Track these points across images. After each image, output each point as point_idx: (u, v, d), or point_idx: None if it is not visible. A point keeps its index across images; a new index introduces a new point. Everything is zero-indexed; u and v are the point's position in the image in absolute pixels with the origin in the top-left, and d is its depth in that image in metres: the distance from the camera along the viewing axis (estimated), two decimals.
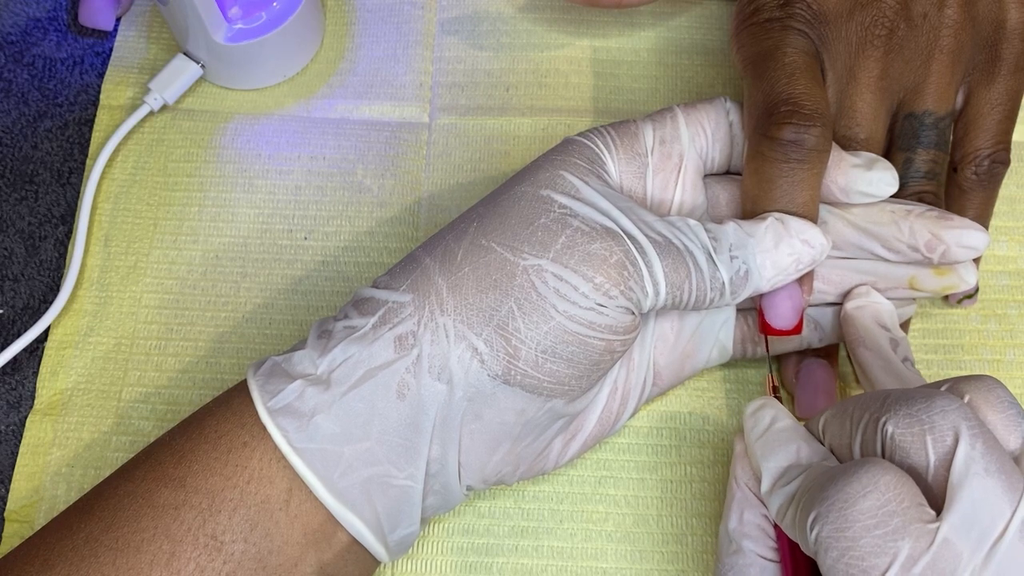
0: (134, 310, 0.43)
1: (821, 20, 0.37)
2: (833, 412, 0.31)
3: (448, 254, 0.33)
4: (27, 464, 0.40)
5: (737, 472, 0.34)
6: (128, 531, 0.31)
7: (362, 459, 0.32)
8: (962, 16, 0.38)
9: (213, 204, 0.45)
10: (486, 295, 0.32)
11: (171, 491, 0.31)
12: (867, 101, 0.38)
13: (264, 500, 0.31)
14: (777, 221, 0.35)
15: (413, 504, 0.33)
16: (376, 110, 0.47)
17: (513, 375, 0.32)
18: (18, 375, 0.42)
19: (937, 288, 0.37)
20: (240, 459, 0.32)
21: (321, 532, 0.32)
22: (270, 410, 0.32)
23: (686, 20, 0.49)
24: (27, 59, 0.48)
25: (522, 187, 0.34)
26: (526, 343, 0.32)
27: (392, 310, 0.33)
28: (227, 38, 0.45)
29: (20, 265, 0.44)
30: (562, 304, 0.32)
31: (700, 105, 0.38)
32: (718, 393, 0.41)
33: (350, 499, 0.32)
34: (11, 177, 0.46)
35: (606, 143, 0.36)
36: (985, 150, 0.39)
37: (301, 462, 0.31)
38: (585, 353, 0.33)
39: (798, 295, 0.36)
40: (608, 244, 0.33)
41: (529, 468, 0.36)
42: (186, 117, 0.47)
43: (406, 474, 0.32)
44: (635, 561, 0.38)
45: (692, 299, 0.34)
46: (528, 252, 0.33)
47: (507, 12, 0.50)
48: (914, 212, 0.36)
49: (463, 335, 0.32)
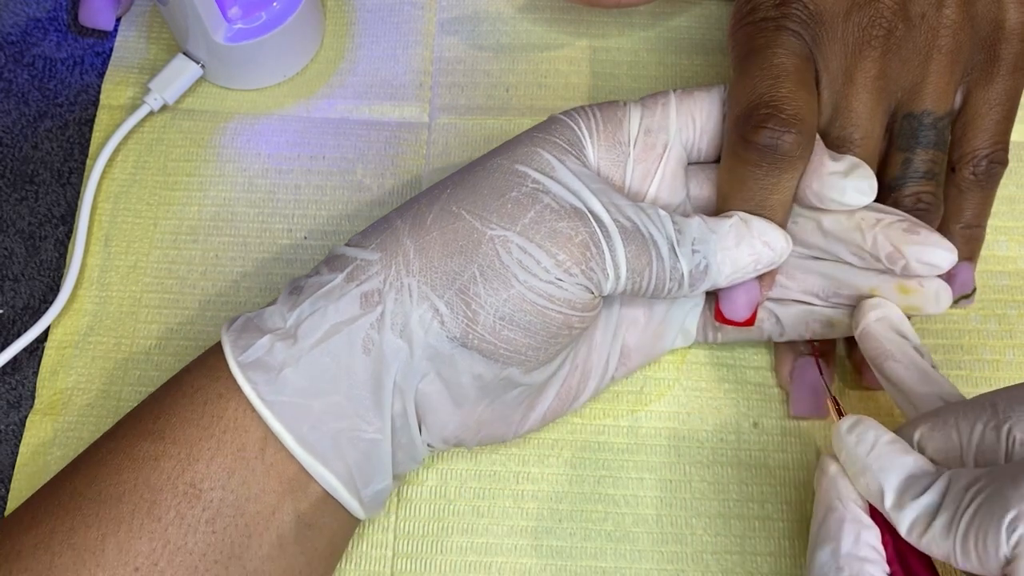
0: (134, 310, 0.43)
1: (817, 20, 0.37)
2: (931, 424, 0.31)
3: (419, 217, 0.34)
4: (27, 464, 0.40)
5: (841, 492, 0.32)
6: (110, 483, 0.32)
7: (331, 413, 0.33)
8: (960, 16, 0.38)
9: (213, 204, 0.45)
10: (451, 259, 0.33)
11: (150, 443, 0.32)
12: (864, 101, 0.38)
13: (240, 448, 0.32)
14: (741, 221, 0.35)
15: (383, 458, 0.34)
16: (376, 110, 0.47)
17: (471, 339, 0.33)
18: (18, 375, 0.42)
19: (900, 305, 0.37)
20: (216, 410, 0.33)
21: (296, 481, 0.33)
22: (241, 364, 0.33)
23: (685, 20, 0.49)
24: (27, 59, 0.48)
25: (499, 160, 0.35)
26: (485, 308, 0.33)
27: (360, 267, 0.34)
28: (227, 38, 0.45)
29: (20, 265, 0.44)
30: (523, 275, 0.33)
31: (697, 92, 0.38)
32: (717, 393, 0.41)
33: (320, 451, 0.33)
34: (11, 177, 0.46)
35: (589, 126, 0.36)
36: (983, 150, 0.39)
37: (271, 414, 0.32)
38: (542, 324, 0.33)
39: (755, 290, 0.37)
40: (575, 224, 0.33)
41: (488, 434, 0.36)
42: (186, 117, 0.47)
43: (375, 428, 0.33)
44: (634, 561, 0.38)
45: (652, 287, 0.34)
46: (496, 223, 0.33)
47: (507, 12, 0.50)
48: (883, 222, 0.36)
49: (426, 295, 0.33)
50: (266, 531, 0.32)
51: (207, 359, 0.34)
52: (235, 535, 0.32)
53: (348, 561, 0.38)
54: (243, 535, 0.32)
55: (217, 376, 0.33)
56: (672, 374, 0.42)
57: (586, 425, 0.41)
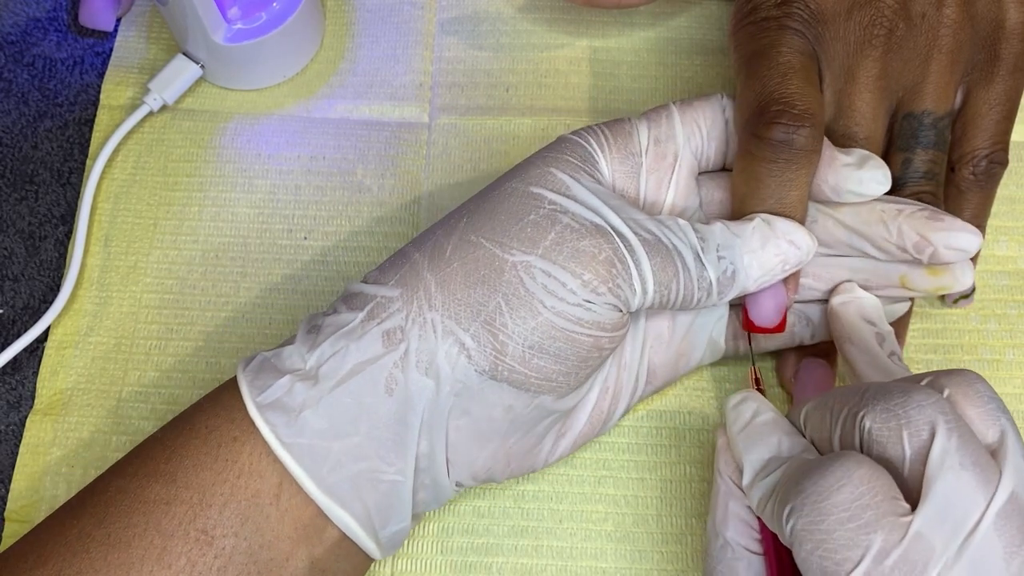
0: (134, 310, 0.43)
1: (819, 19, 0.37)
2: (814, 405, 0.31)
3: (437, 249, 0.34)
4: (27, 464, 0.40)
5: (720, 465, 0.34)
6: (119, 526, 0.31)
7: (351, 454, 0.32)
8: (961, 16, 0.38)
9: (213, 204, 0.45)
10: (474, 290, 0.32)
11: (162, 486, 0.32)
12: (866, 101, 0.38)
13: (254, 495, 0.32)
14: (764, 222, 0.35)
15: (403, 499, 0.33)
16: (376, 110, 0.47)
17: (500, 370, 0.32)
18: (18, 375, 0.42)
19: (930, 288, 0.37)
20: (230, 454, 0.32)
21: (312, 526, 0.32)
22: (259, 405, 0.32)
23: (685, 20, 0.49)
24: (27, 59, 0.48)
25: (513, 183, 0.34)
26: (513, 338, 0.32)
27: (380, 305, 0.33)
28: (226, 38, 0.45)
29: (20, 265, 0.44)
30: (550, 300, 0.32)
31: (696, 103, 0.38)
32: (717, 393, 0.41)
33: (339, 494, 0.32)
34: (11, 177, 0.46)
35: (600, 142, 0.36)
36: (983, 150, 0.39)
37: (290, 457, 0.32)
38: (573, 349, 0.33)
39: (782, 294, 0.36)
40: (597, 241, 0.33)
41: (519, 465, 0.36)
42: (186, 117, 0.47)
43: (395, 469, 0.33)
44: (634, 561, 0.38)
45: (680, 298, 0.34)
46: (517, 248, 0.33)
47: (507, 12, 0.50)
48: (904, 212, 0.36)
49: (451, 330, 0.32)
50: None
51: (221, 397, 0.34)
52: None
53: None
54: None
55: (232, 417, 0.32)
56: None
57: None
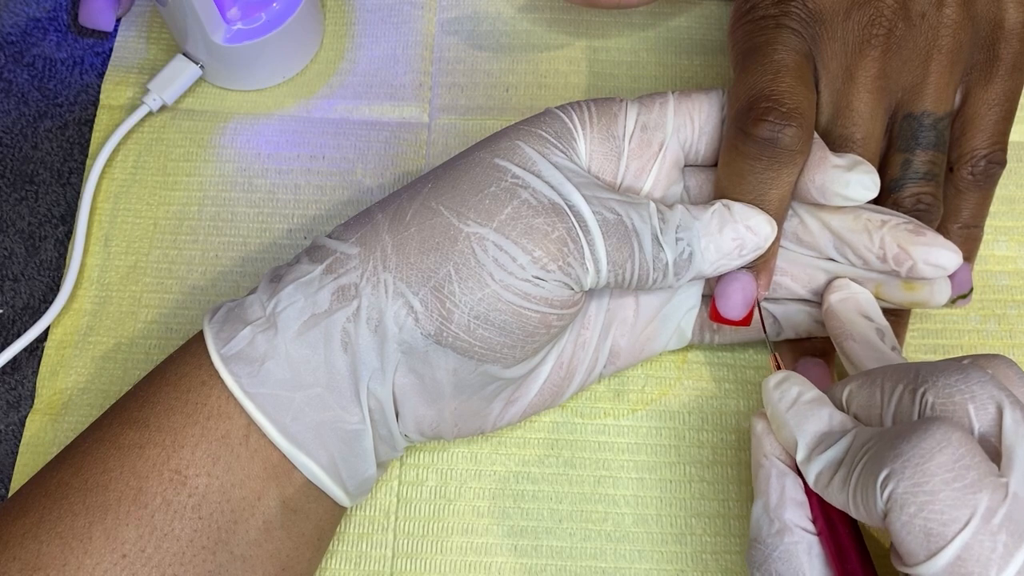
0: (134, 309, 0.43)
1: (816, 19, 0.37)
2: (860, 383, 0.32)
3: (399, 212, 0.34)
4: (27, 464, 0.40)
5: (766, 448, 0.33)
6: (96, 472, 0.32)
7: (312, 405, 0.33)
8: (961, 16, 0.38)
9: (213, 204, 0.45)
10: (427, 256, 0.33)
11: (135, 431, 0.33)
12: (864, 101, 0.38)
13: (224, 435, 0.33)
14: (723, 206, 0.35)
15: (366, 448, 0.34)
16: (376, 110, 0.47)
17: (445, 336, 0.33)
18: (18, 375, 0.42)
19: (904, 301, 0.38)
20: (199, 397, 0.33)
21: (280, 468, 0.33)
22: (223, 356, 0.33)
23: (685, 20, 0.49)
24: (27, 59, 0.48)
25: (480, 153, 0.35)
26: (459, 307, 0.33)
27: (339, 260, 0.34)
28: (226, 39, 0.45)
29: (20, 265, 0.44)
30: (499, 273, 0.33)
31: (696, 94, 0.38)
32: (717, 393, 0.41)
33: (303, 442, 0.33)
34: (11, 177, 0.46)
35: (582, 119, 0.36)
36: (982, 150, 0.39)
37: (253, 406, 0.33)
38: (518, 323, 0.33)
39: (751, 288, 0.36)
40: (551, 220, 0.33)
41: (467, 426, 0.37)
42: (186, 117, 0.47)
43: (357, 419, 0.34)
44: (634, 561, 0.38)
45: (635, 278, 0.34)
46: (473, 219, 0.33)
47: (507, 12, 0.50)
48: (889, 223, 0.36)
49: (401, 292, 0.33)
50: (252, 516, 0.33)
51: (190, 347, 0.35)
52: (221, 521, 0.32)
53: (348, 561, 0.38)
54: (229, 520, 0.32)
55: (200, 364, 0.34)
56: (672, 374, 0.42)
57: (586, 425, 0.41)
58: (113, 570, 0.31)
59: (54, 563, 0.31)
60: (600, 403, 0.41)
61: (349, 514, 0.39)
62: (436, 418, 0.35)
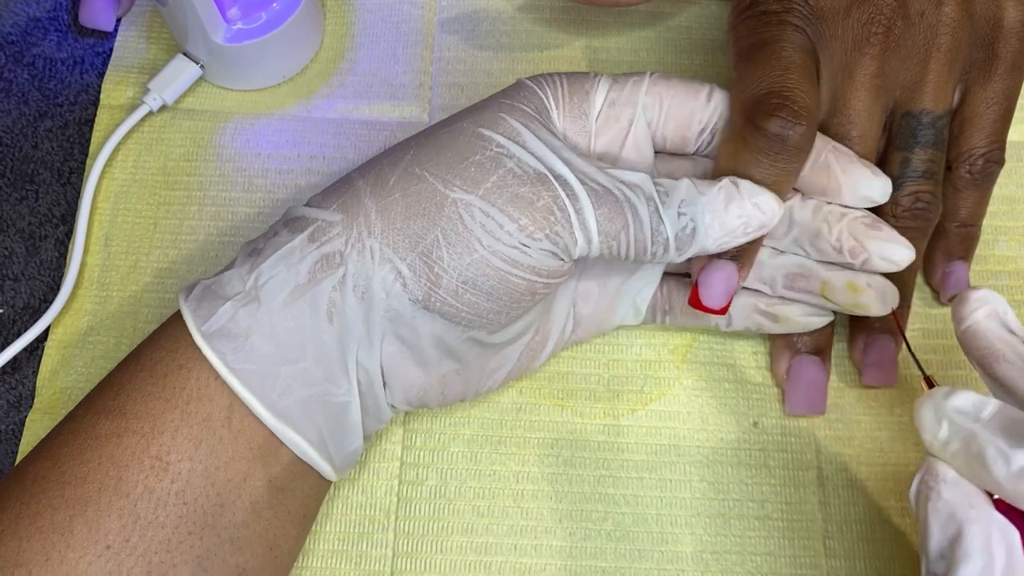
0: (134, 310, 0.43)
1: (817, 16, 0.37)
2: None
3: (381, 178, 0.34)
4: None
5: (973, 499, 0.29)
6: (73, 464, 0.31)
7: (299, 379, 0.33)
8: (960, 14, 0.38)
9: (213, 204, 0.45)
10: (414, 221, 0.33)
11: (111, 420, 0.32)
12: (862, 99, 0.38)
13: (205, 418, 0.32)
14: (731, 183, 0.35)
15: (354, 420, 0.34)
16: (376, 110, 0.47)
17: (433, 301, 0.33)
18: (18, 375, 0.42)
19: (846, 303, 0.38)
20: (177, 381, 0.32)
21: (266, 446, 0.33)
22: (204, 334, 0.32)
23: (685, 20, 0.49)
24: (27, 59, 0.48)
25: (464, 123, 0.35)
26: (448, 272, 0.33)
27: (321, 228, 0.33)
28: (226, 39, 0.45)
29: (20, 265, 0.44)
30: (487, 239, 0.33)
31: (675, 81, 0.37)
32: (717, 392, 0.41)
33: (290, 417, 0.33)
34: (11, 177, 0.46)
35: (555, 94, 0.36)
36: (980, 149, 0.39)
37: (239, 383, 0.32)
38: (505, 289, 0.33)
39: (735, 279, 0.36)
40: (537, 189, 0.33)
41: (453, 393, 0.37)
42: (186, 117, 0.47)
43: (344, 391, 0.33)
44: (634, 560, 0.38)
45: (631, 251, 0.34)
46: (459, 186, 0.33)
47: (507, 12, 0.50)
48: (848, 216, 0.37)
49: (388, 258, 0.33)
50: (239, 498, 0.32)
51: (164, 330, 0.34)
52: (207, 505, 0.32)
53: (348, 561, 0.38)
54: (215, 504, 0.32)
55: (176, 347, 0.33)
56: (672, 373, 0.42)
57: (586, 425, 0.41)
58: (98, 562, 0.30)
59: (36, 558, 0.30)
60: (600, 403, 0.41)
61: (349, 513, 0.39)
62: (423, 386, 0.35)
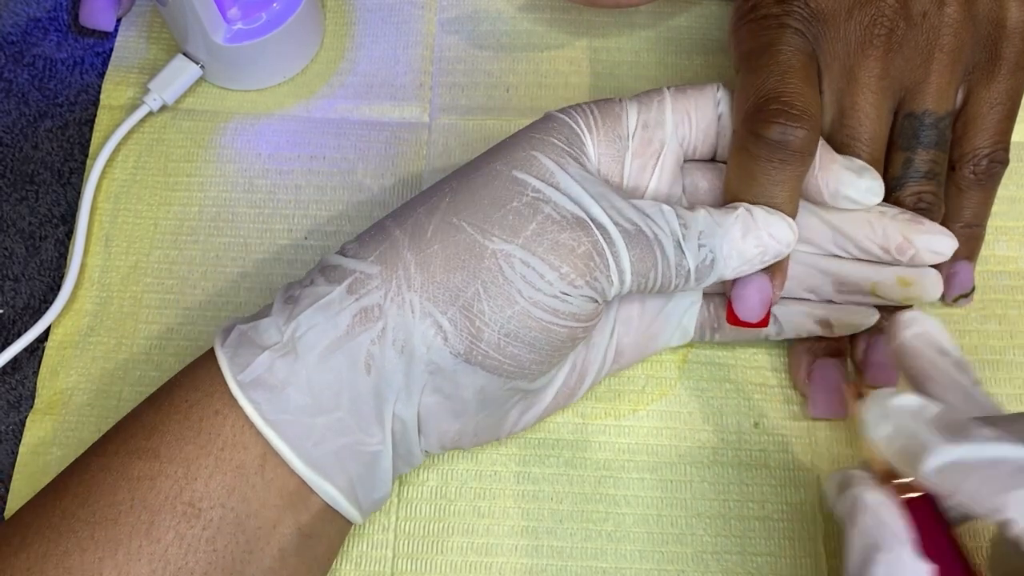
0: (134, 310, 0.43)
1: (819, 19, 0.37)
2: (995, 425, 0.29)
3: (418, 228, 0.34)
4: (27, 464, 0.40)
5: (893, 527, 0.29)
6: (104, 504, 0.31)
7: (334, 429, 0.32)
8: (962, 15, 0.38)
9: (213, 204, 0.45)
10: (454, 274, 0.33)
11: (145, 462, 0.32)
12: (869, 101, 0.38)
13: (239, 466, 0.32)
14: (747, 212, 0.35)
15: (385, 468, 0.34)
16: (376, 110, 0.47)
17: (475, 355, 0.33)
18: (18, 375, 0.42)
19: (899, 297, 0.38)
20: (213, 427, 0.32)
21: (297, 495, 0.32)
22: (240, 383, 0.32)
23: (686, 20, 0.49)
24: (27, 59, 0.48)
25: (497, 165, 0.34)
26: (489, 325, 0.32)
27: (360, 280, 0.33)
28: (226, 39, 0.45)
29: (20, 265, 0.44)
30: (528, 290, 0.32)
31: (690, 91, 0.38)
32: (718, 393, 0.41)
33: (323, 467, 0.32)
34: (11, 177, 0.46)
35: (588, 123, 0.36)
36: (984, 149, 0.39)
37: (274, 433, 0.32)
38: (547, 339, 0.33)
39: (768, 289, 0.36)
40: (577, 235, 0.33)
41: (485, 436, 0.37)
42: (186, 117, 0.47)
43: (377, 440, 0.33)
44: (635, 561, 0.38)
45: (657, 285, 0.34)
46: (498, 235, 0.33)
47: (507, 12, 0.50)
48: (888, 214, 0.37)
49: (428, 312, 0.32)
50: (267, 545, 0.32)
51: (198, 372, 0.34)
52: (236, 552, 0.31)
53: (348, 561, 0.38)
54: (244, 551, 0.32)
55: (212, 392, 0.33)
56: (673, 374, 0.42)
57: (586, 425, 0.41)
58: None
59: None
60: (600, 403, 0.41)
61: None
62: (458, 431, 0.35)
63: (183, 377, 0.34)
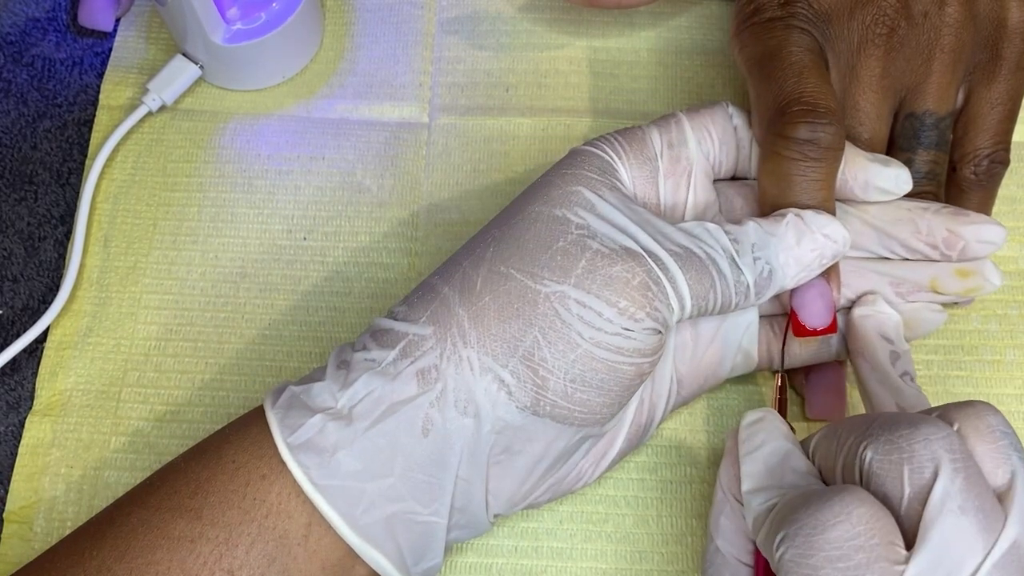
0: (134, 310, 0.43)
1: (822, 19, 0.37)
2: (824, 433, 0.30)
3: (467, 282, 0.33)
4: (26, 464, 0.40)
5: (721, 476, 0.33)
6: (142, 562, 0.30)
7: (385, 496, 0.31)
8: (963, 15, 0.38)
9: (212, 204, 0.45)
10: (509, 324, 0.32)
11: (187, 523, 0.31)
12: (870, 100, 0.38)
13: (282, 535, 0.31)
14: (797, 217, 0.34)
15: (437, 538, 0.33)
16: (376, 110, 0.47)
17: (542, 406, 0.32)
18: (18, 375, 0.42)
19: (960, 290, 0.37)
20: (259, 492, 0.31)
21: (340, 566, 0.31)
22: (290, 446, 0.31)
23: (686, 20, 0.49)
24: (27, 59, 0.48)
25: (536, 207, 0.34)
26: (554, 373, 0.31)
27: (413, 343, 0.32)
28: (225, 39, 0.44)
29: (20, 265, 0.44)
30: (588, 331, 0.31)
31: (703, 110, 0.37)
32: (719, 393, 0.41)
33: (372, 535, 0.31)
34: (11, 177, 0.46)
35: (616, 150, 0.35)
36: (985, 150, 0.39)
37: (323, 499, 0.31)
38: (615, 379, 0.32)
39: (828, 292, 0.36)
40: (630, 265, 0.32)
41: (560, 490, 0.35)
42: (185, 117, 0.47)
43: (431, 510, 0.32)
44: (635, 562, 0.38)
45: (718, 305, 0.33)
46: (548, 278, 0.32)
47: (507, 12, 0.50)
48: (930, 209, 0.36)
49: (488, 367, 0.31)
50: None
51: (248, 431, 0.33)
52: None
53: None
54: None
55: (261, 454, 0.32)
56: None
57: None
58: None
59: None
60: None
61: None
62: (531, 491, 0.34)
63: (232, 433, 0.33)
